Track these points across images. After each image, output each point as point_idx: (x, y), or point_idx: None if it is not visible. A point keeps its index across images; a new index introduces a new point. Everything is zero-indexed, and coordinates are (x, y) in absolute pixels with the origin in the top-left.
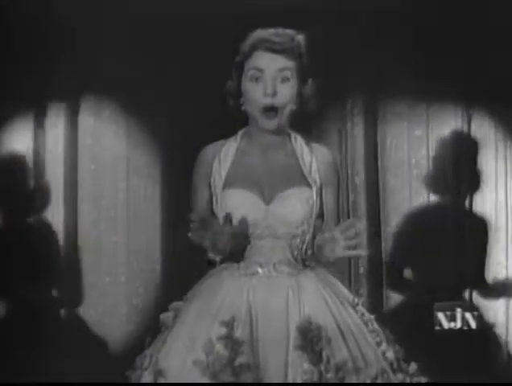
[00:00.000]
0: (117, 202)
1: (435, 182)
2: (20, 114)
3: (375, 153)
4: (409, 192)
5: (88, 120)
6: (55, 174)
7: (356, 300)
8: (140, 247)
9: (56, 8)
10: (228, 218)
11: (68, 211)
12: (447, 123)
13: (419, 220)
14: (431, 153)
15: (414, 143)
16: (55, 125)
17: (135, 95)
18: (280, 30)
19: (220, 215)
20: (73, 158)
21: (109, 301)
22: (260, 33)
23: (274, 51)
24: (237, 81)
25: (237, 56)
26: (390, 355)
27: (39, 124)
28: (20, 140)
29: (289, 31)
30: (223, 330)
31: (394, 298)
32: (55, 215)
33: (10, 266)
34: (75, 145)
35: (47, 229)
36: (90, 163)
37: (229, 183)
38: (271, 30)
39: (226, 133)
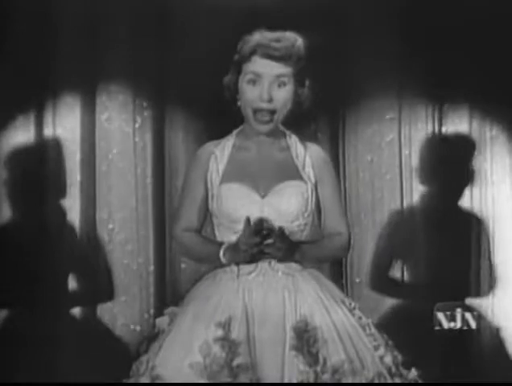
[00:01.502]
0: (130, 202)
1: (422, 180)
2: (33, 105)
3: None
4: (381, 194)
5: (104, 111)
6: (72, 166)
7: (352, 304)
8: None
9: None
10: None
11: (85, 209)
12: (420, 123)
13: (404, 221)
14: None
15: (385, 144)
16: (70, 116)
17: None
18: (280, 35)
19: (216, 210)
20: (91, 150)
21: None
22: (260, 37)
23: (272, 57)
24: (234, 78)
25: (236, 55)
26: (388, 360)
27: (54, 114)
28: (33, 131)
29: (289, 36)
30: (219, 332)
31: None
32: (71, 211)
33: (17, 262)
34: (92, 136)
35: (61, 223)
36: (107, 156)
37: (225, 178)
38: (271, 35)
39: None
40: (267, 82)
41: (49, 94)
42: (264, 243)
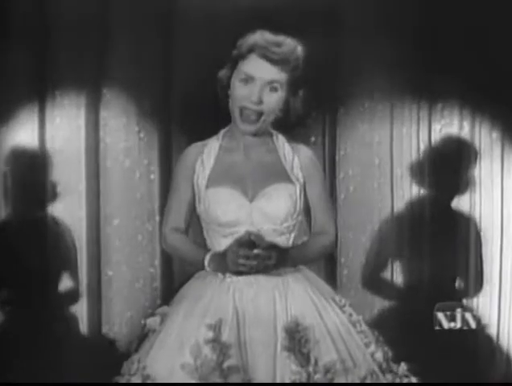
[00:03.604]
0: (134, 202)
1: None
2: (32, 110)
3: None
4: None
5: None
6: (77, 164)
7: (343, 301)
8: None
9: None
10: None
11: (89, 207)
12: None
13: (402, 223)
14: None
15: (377, 144)
16: (75, 118)
17: (149, 95)
18: (281, 39)
19: (203, 213)
20: (95, 154)
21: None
22: (260, 37)
23: (269, 59)
24: (229, 74)
25: (234, 50)
26: (379, 356)
27: (53, 119)
28: (30, 135)
29: (290, 42)
30: (210, 334)
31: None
32: (74, 210)
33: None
34: (96, 140)
35: (56, 224)
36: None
37: (212, 182)
38: (273, 38)
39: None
40: (259, 85)
41: (52, 92)
42: (253, 253)
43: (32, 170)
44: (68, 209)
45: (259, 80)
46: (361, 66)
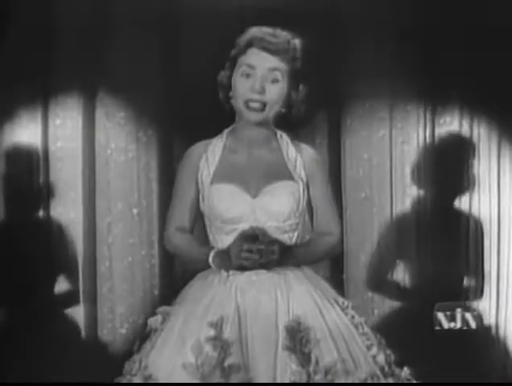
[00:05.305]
0: (132, 205)
1: (416, 180)
2: (31, 110)
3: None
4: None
5: (102, 119)
6: (71, 173)
7: (345, 303)
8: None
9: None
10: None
11: (88, 207)
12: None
13: (402, 224)
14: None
15: (376, 144)
16: (75, 118)
17: (147, 96)
18: (278, 31)
19: (207, 211)
20: (90, 157)
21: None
22: (257, 31)
23: (268, 50)
24: (228, 74)
25: (232, 50)
26: (381, 359)
27: (52, 119)
28: (29, 135)
29: (286, 34)
30: (211, 332)
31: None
32: (70, 212)
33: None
34: (91, 144)
35: (55, 224)
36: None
37: (216, 179)
38: (269, 30)
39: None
40: (260, 74)
41: (53, 92)
42: (256, 247)
43: (30, 170)
44: (66, 209)
45: (259, 68)
46: (365, 67)
